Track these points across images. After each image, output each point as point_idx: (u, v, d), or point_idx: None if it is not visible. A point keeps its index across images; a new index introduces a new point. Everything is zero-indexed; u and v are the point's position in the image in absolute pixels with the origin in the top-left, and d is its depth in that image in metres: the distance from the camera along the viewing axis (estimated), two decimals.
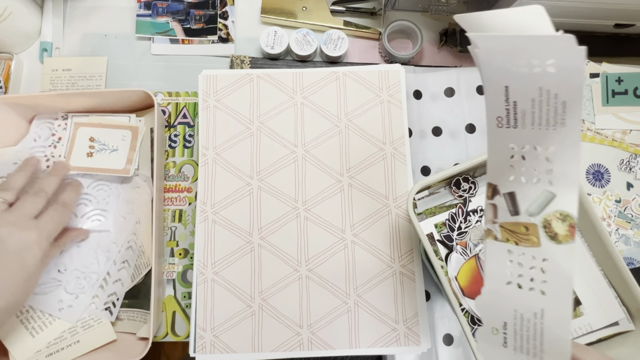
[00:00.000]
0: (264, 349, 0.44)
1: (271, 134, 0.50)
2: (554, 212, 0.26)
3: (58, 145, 0.49)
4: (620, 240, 0.51)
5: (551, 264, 0.27)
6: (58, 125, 0.50)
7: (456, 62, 0.57)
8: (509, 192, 0.28)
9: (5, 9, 0.50)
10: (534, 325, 0.27)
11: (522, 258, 0.28)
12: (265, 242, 0.47)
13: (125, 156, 0.49)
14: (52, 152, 0.49)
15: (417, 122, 0.53)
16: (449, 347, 0.47)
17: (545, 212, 0.27)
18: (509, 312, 0.28)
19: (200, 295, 0.46)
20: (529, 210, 0.27)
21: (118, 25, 0.57)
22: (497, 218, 0.29)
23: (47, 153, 0.49)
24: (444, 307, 0.49)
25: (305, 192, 0.48)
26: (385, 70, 0.51)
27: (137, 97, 0.49)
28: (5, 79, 0.53)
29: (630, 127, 0.53)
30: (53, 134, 0.49)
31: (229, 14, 0.57)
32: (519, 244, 0.28)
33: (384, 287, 0.46)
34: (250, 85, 0.51)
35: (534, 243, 0.27)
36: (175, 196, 0.52)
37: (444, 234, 0.42)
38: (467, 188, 0.43)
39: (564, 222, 0.26)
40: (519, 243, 0.28)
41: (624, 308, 0.39)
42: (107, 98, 0.49)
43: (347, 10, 0.57)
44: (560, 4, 0.49)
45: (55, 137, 0.49)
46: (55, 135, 0.49)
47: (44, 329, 0.45)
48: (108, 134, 0.49)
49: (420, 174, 0.52)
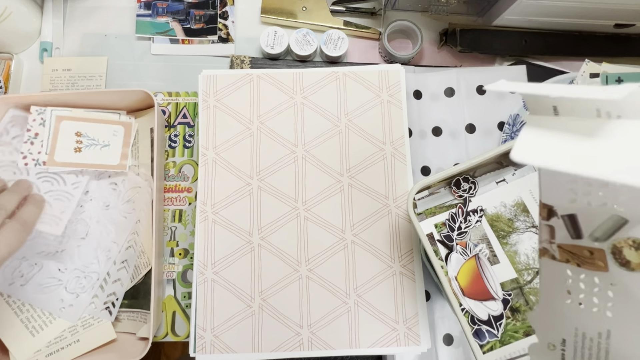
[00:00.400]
0: (264, 349, 0.44)
1: (271, 134, 0.50)
2: (626, 240, 0.24)
3: (35, 142, 0.46)
4: None
5: (621, 289, 0.25)
6: (33, 120, 0.47)
7: (456, 62, 0.57)
8: (569, 214, 0.26)
9: (5, 9, 0.50)
10: (598, 345, 0.26)
11: (583, 278, 0.26)
12: (265, 242, 0.47)
13: (119, 152, 0.48)
14: (28, 148, 0.46)
15: (417, 122, 0.53)
16: (449, 347, 0.47)
17: (615, 238, 0.25)
18: (569, 329, 0.27)
19: (200, 295, 0.46)
20: (594, 235, 0.26)
21: (118, 25, 0.57)
22: (554, 239, 0.27)
23: (24, 150, 0.46)
24: (444, 307, 0.49)
25: (305, 192, 0.48)
26: (385, 70, 0.51)
27: (137, 97, 0.49)
28: (5, 79, 0.53)
29: None
30: (28, 130, 0.46)
31: (229, 14, 0.57)
32: (582, 266, 0.26)
33: (384, 287, 0.46)
34: (250, 85, 0.51)
35: (601, 267, 0.25)
36: (175, 196, 0.52)
37: (444, 234, 0.42)
38: (467, 188, 0.43)
39: (637, 250, 0.24)
40: (581, 265, 0.26)
41: None
42: (107, 98, 0.49)
43: (347, 10, 0.57)
44: (560, 4, 0.49)
45: (30, 132, 0.46)
46: (30, 131, 0.46)
47: (44, 328, 0.45)
48: (97, 128, 0.48)
49: (420, 174, 0.52)
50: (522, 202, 0.42)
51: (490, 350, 0.39)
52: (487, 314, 0.40)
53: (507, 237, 0.42)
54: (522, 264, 0.41)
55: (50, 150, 0.47)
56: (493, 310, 0.40)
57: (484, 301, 0.40)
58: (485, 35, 0.55)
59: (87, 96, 0.48)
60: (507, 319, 0.40)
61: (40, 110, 0.47)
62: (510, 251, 0.41)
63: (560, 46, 0.56)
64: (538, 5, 0.50)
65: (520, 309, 0.40)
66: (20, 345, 0.44)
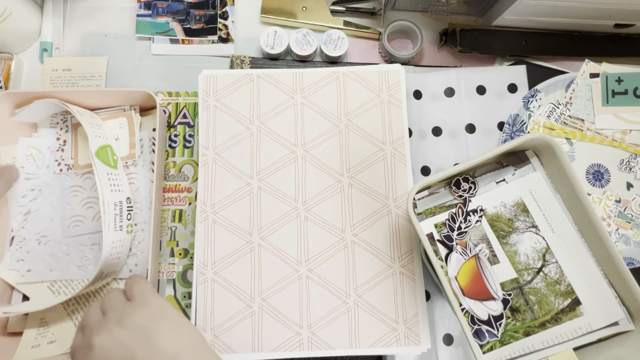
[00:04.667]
0: (264, 349, 0.44)
1: (271, 134, 0.50)
2: None
3: (65, 148, 0.50)
4: (620, 240, 0.51)
5: None
6: (60, 129, 0.50)
7: (456, 62, 0.57)
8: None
9: (5, 9, 0.50)
10: None
11: None
12: (265, 242, 0.47)
13: (127, 142, 0.49)
14: (61, 155, 0.50)
15: (417, 122, 0.53)
16: (449, 347, 0.47)
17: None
18: None
19: (200, 295, 0.46)
20: None
21: (118, 25, 0.57)
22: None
23: (57, 157, 0.49)
24: (444, 307, 0.49)
25: (305, 192, 0.48)
26: (385, 70, 0.51)
27: (140, 98, 0.49)
28: (5, 79, 0.53)
29: (630, 127, 0.53)
30: (58, 138, 0.50)
31: (229, 14, 0.57)
32: None
33: (384, 287, 0.46)
34: (250, 85, 0.51)
35: None
36: (175, 196, 0.52)
37: (444, 234, 0.42)
38: (467, 188, 0.43)
39: None
40: None
41: (624, 308, 0.39)
42: (109, 97, 0.49)
43: (347, 10, 0.57)
44: (560, 4, 0.49)
45: (60, 140, 0.50)
46: (60, 139, 0.50)
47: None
48: (106, 126, 0.49)
49: (420, 174, 0.52)
50: (522, 202, 0.42)
51: (490, 350, 0.39)
52: (487, 314, 0.40)
53: (507, 237, 0.42)
54: (522, 264, 0.41)
55: (74, 156, 0.49)
56: (493, 310, 0.40)
57: (484, 301, 0.40)
58: (485, 35, 0.55)
59: (90, 95, 0.49)
60: (507, 319, 0.40)
61: (64, 119, 0.50)
62: (510, 251, 0.41)
63: (560, 46, 0.56)
64: (538, 5, 0.50)
65: (520, 309, 0.40)
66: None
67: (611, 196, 0.51)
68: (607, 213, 0.51)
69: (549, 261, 0.41)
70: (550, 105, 0.53)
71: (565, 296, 0.40)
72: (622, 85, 0.53)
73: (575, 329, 0.40)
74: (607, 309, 0.39)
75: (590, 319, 0.40)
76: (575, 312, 0.40)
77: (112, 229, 0.44)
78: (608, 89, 0.53)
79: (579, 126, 0.53)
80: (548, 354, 0.39)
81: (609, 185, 0.52)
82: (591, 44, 0.56)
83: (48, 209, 0.48)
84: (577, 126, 0.53)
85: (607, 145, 0.53)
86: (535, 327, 0.40)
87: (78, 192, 0.49)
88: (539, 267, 0.41)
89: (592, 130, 0.53)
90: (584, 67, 0.53)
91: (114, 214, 0.44)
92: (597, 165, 0.52)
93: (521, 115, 0.53)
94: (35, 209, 0.48)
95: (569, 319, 0.40)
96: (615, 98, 0.53)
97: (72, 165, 0.49)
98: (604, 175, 0.52)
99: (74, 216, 0.48)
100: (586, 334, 0.39)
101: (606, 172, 0.52)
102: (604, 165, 0.52)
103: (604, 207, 0.51)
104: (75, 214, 0.48)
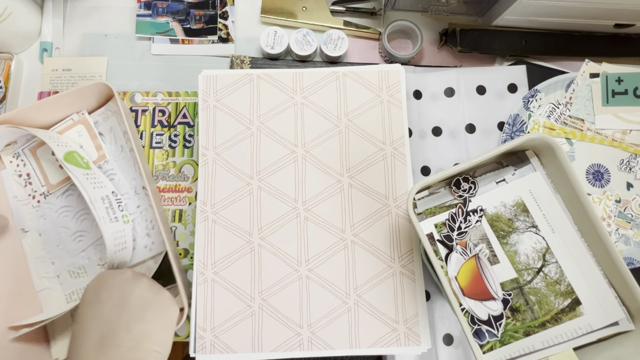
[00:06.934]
0: (264, 349, 0.44)
1: (271, 134, 0.50)
2: None
3: (32, 180, 0.49)
4: (620, 240, 0.51)
5: None
6: (17, 166, 0.50)
7: (456, 62, 0.57)
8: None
9: (5, 9, 0.50)
10: None
11: None
12: (265, 242, 0.47)
13: (93, 146, 0.49)
14: (32, 189, 0.49)
15: (417, 122, 0.53)
16: (449, 347, 0.47)
17: None
18: None
19: (200, 295, 0.46)
20: None
21: (118, 25, 0.57)
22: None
23: (29, 192, 0.49)
24: (444, 307, 0.49)
25: (305, 192, 0.48)
26: (385, 70, 0.51)
27: (98, 92, 0.48)
28: (5, 79, 0.53)
29: (630, 127, 0.53)
30: (20, 175, 0.49)
31: (229, 14, 0.57)
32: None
33: (384, 287, 0.46)
34: (250, 85, 0.51)
35: None
36: (175, 196, 0.52)
37: (444, 234, 0.42)
38: (467, 188, 0.43)
39: None
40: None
41: (624, 308, 0.39)
42: (65, 101, 0.47)
43: (347, 10, 0.57)
44: (560, 4, 0.49)
45: (23, 176, 0.49)
46: (21, 176, 0.49)
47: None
48: (64, 140, 0.48)
49: (420, 174, 0.52)
50: (522, 202, 0.42)
51: (490, 350, 0.39)
52: (487, 314, 0.40)
53: (507, 237, 0.42)
54: (522, 264, 0.41)
55: (44, 180, 0.49)
56: (493, 310, 0.40)
57: (484, 301, 0.40)
58: (485, 35, 0.55)
59: (44, 105, 0.46)
60: (507, 319, 0.40)
61: (16, 155, 0.50)
62: (510, 251, 0.41)
63: (560, 46, 0.56)
64: (538, 5, 0.50)
65: (520, 309, 0.40)
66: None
67: (611, 196, 0.51)
68: (607, 213, 0.51)
69: (549, 261, 0.41)
70: (550, 105, 0.53)
71: (565, 296, 0.40)
72: (622, 85, 0.53)
73: (575, 329, 0.40)
74: (607, 309, 0.39)
75: (590, 319, 0.40)
76: (575, 312, 0.40)
77: (108, 221, 0.44)
78: (608, 89, 0.53)
79: (579, 126, 0.53)
80: (548, 354, 0.39)
81: (609, 185, 0.52)
82: (591, 44, 0.56)
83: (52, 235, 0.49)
84: (577, 126, 0.53)
85: (607, 145, 0.53)
86: (535, 327, 0.40)
87: (68, 211, 0.49)
88: (539, 267, 0.41)
89: (592, 130, 0.53)
90: (584, 67, 0.53)
91: (105, 207, 0.44)
92: (597, 165, 0.52)
93: (521, 115, 0.53)
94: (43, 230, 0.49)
95: (569, 319, 0.40)
96: (615, 98, 0.53)
97: (46, 191, 0.49)
98: (604, 175, 0.52)
99: (75, 233, 0.49)
100: (586, 334, 0.39)
101: (606, 172, 0.52)
102: (604, 165, 0.52)
103: (604, 207, 0.51)
104: (75, 231, 0.49)
